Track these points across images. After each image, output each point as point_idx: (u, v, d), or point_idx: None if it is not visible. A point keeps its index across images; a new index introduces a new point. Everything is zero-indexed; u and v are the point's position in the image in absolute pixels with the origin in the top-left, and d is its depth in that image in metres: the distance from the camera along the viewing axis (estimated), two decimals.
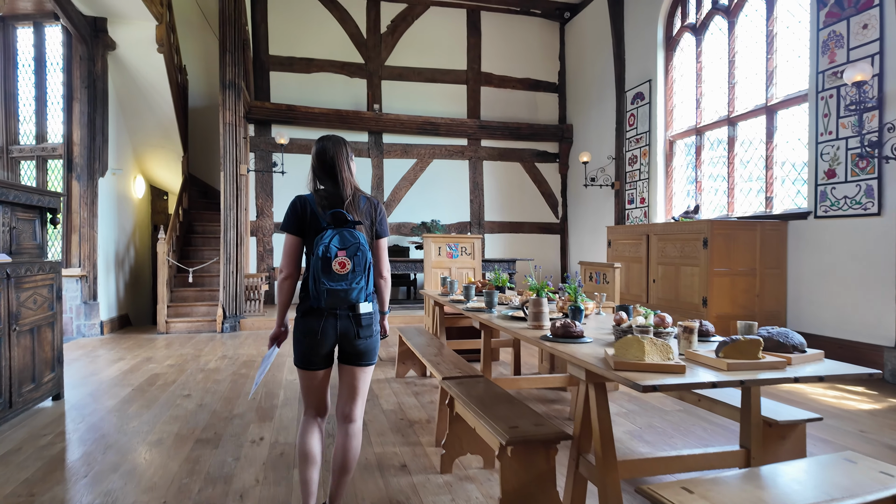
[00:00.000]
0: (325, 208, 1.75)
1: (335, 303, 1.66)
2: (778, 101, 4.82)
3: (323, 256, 1.64)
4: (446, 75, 8.07)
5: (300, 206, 1.78)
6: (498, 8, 8.18)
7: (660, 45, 6.32)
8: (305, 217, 1.77)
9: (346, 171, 1.80)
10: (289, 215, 1.78)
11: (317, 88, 7.59)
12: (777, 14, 4.87)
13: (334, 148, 1.81)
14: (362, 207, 1.81)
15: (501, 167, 8.26)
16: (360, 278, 1.67)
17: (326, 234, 1.68)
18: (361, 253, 1.67)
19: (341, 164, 1.80)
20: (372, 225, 1.84)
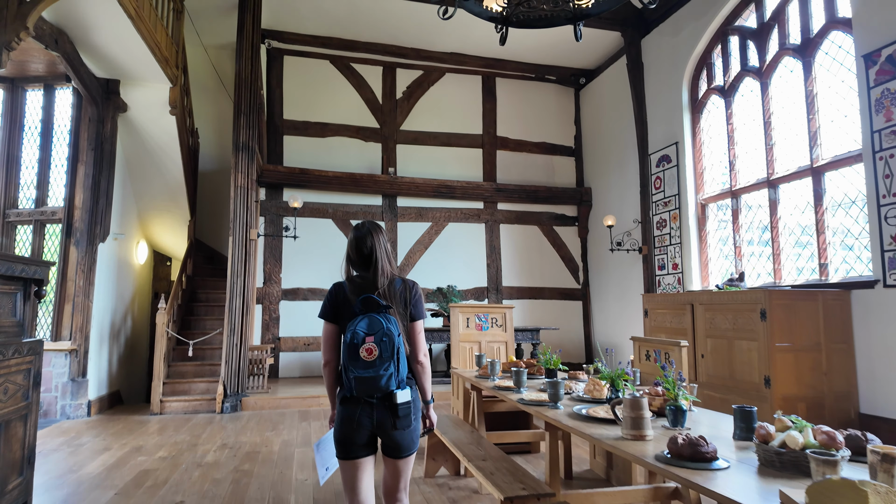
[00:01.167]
0: (358, 294, 1.74)
1: (366, 390, 1.62)
2: (825, 163, 4.54)
3: (350, 343, 1.62)
4: (462, 139, 7.93)
5: (335, 292, 1.80)
6: (513, 75, 8.17)
7: (685, 107, 6.17)
8: (339, 303, 1.77)
9: (384, 259, 1.80)
10: (325, 302, 1.80)
11: (331, 152, 7.42)
12: (816, 74, 4.68)
13: (372, 237, 1.80)
14: (397, 289, 1.79)
15: (519, 230, 7.96)
16: (388, 364, 1.62)
17: (357, 320, 1.66)
18: (388, 338, 1.63)
19: (378, 252, 1.79)
20: (406, 307, 1.80)
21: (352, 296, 1.75)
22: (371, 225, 1.85)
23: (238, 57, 5.78)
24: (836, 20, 4.50)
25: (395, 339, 1.63)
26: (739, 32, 5.54)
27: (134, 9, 4.11)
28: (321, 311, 1.79)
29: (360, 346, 1.60)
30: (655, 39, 6.66)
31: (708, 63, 5.97)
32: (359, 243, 1.79)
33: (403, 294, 1.80)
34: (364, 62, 7.65)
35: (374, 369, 1.60)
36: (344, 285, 1.80)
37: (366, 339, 1.61)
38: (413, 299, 1.82)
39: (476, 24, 6.89)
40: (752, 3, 5.38)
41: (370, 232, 1.81)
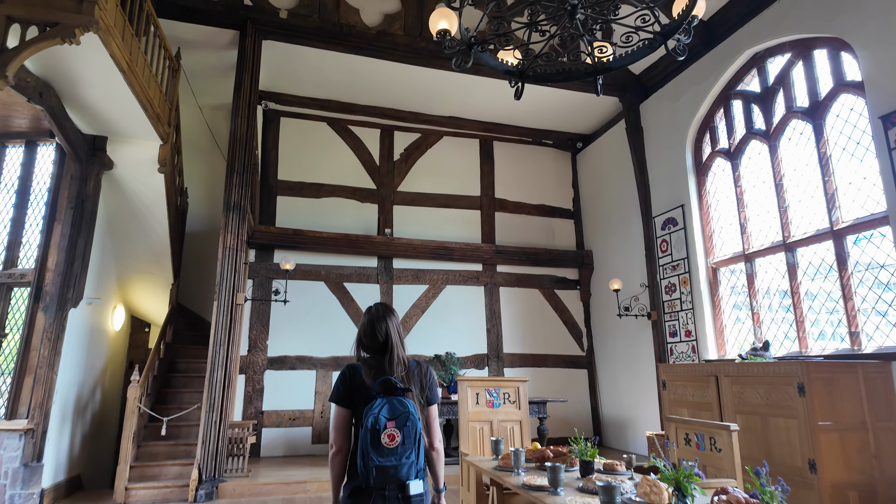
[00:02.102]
0: (374, 377, 1.69)
1: (384, 481, 1.55)
2: (846, 225, 4.35)
3: (372, 429, 1.55)
4: (460, 201, 7.76)
5: (349, 374, 1.74)
6: (510, 139, 8.15)
7: (689, 170, 6.07)
8: (354, 386, 1.71)
9: (399, 346, 1.75)
10: (338, 385, 1.73)
11: (326, 213, 7.18)
12: (828, 136, 4.59)
13: (386, 323, 1.77)
14: (413, 371, 1.76)
15: (519, 294, 7.64)
16: (410, 452, 1.57)
17: (376, 404, 1.59)
18: (411, 423, 1.58)
19: (394, 339, 1.75)
20: (422, 391, 1.76)
21: (367, 379, 1.68)
22: (384, 309, 1.81)
23: (234, 116, 5.62)
24: (845, 83, 4.46)
25: (417, 424, 1.59)
26: (742, 97, 5.52)
27: (127, 63, 3.93)
28: (333, 394, 1.72)
29: (382, 431, 1.54)
30: (655, 104, 6.67)
31: (711, 126, 5.92)
32: (373, 329, 1.74)
33: (419, 376, 1.76)
34: (362, 125, 7.57)
35: (395, 457, 1.54)
36: (358, 367, 1.73)
37: (387, 424, 1.55)
38: (428, 383, 1.78)
39: (475, 90, 6.90)
40: (753, 69, 5.39)
41: (384, 317, 1.76)
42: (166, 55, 5.05)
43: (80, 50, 3.56)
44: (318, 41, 5.95)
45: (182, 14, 5.59)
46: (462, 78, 6.61)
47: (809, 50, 4.79)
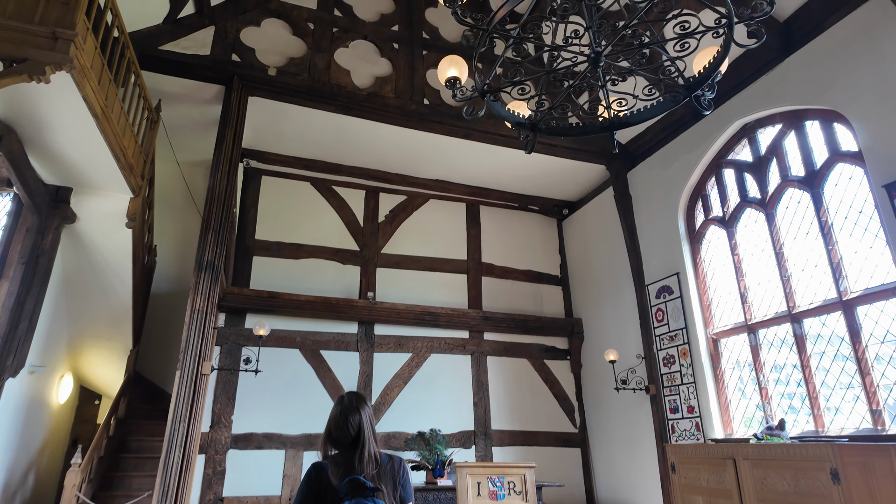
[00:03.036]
0: (342, 476, 1.60)
1: None
2: (857, 296, 4.19)
3: None
4: (446, 264, 7.48)
5: (315, 476, 1.67)
6: (497, 203, 8.04)
7: (683, 238, 5.95)
8: (320, 488, 1.64)
9: (371, 440, 1.68)
10: (302, 489, 1.66)
11: (305, 275, 6.78)
12: (828, 205, 4.53)
13: (359, 414, 1.69)
14: (384, 467, 1.70)
15: (508, 364, 7.22)
16: None
17: None
18: None
19: (366, 432, 1.68)
20: (395, 489, 1.70)
21: (335, 479, 1.60)
22: (357, 399, 1.74)
23: (213, 171, 5.33)
24: (841, 153, 4.46)
25: None
26: (735, 165, 5.52)
27: (101, 108, 3.65)
28: (297, 498, 1.64)
29: None
30: (644, 172, 6.66)
31: (703, 195, 5.88)
32: (343, 421, 1.66)
33: (392, 473, 1.71)
34: (347, 185, 7.36)
35: None
36: (325, 466, 1.66)
37: None
38: (402, 480, 1.73)
39: (462, 153, 6.81)
40: (744, 139, 5.43)
41: (357, 408, 1.69)
42: (146, 105, 4.81)
43: (51, 90, 3.27)
44: (307, 99, 5.82)
45: (167, 67, 5.41)
46: (450, 141, 6.53)
47: (801, 121, 4.83)
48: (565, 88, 2.50)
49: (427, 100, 6.26)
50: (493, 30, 2.08)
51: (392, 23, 6.59)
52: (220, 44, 5.68)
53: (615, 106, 2.59)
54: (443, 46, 6.68)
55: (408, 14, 6.69)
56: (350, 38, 6.27)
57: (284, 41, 6.01)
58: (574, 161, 7.00)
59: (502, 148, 6.64)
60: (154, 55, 5.37)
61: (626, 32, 2.14)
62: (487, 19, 2.08)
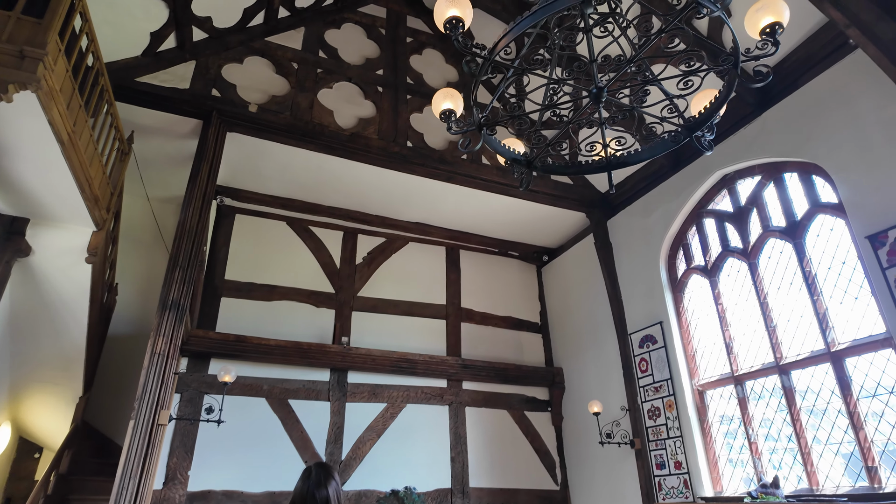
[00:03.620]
0: None
1: None
2: (845, 347, 4.13)
3: None
4: (425, 309, 7.25)
5: None
6: (477, 248, 7.94)
7: (665, 286, 5.91)
8: None
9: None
10: None
11: (276, 318, 6.45)
12: (810, 256, 4.54)
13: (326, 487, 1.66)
14: None
15: (487, 416, 6.90)
16: None
17: None
18: None
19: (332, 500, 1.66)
20: None
21: None
22: (324, 474, 1.71)
23: (185, 206, 5.09)
24: (821, 205, 4.52)
25: None
26: (715, 215, 5.56)
27: (68, 134, 3.43)
28: None
29: None
30: (624, 220, 6.68)
31: (684, 244, 5.89)
32: (310, 498, 1.63)
33: None
34: (325, 226, 7.17)
35: None
36: None
37: None
38: None
39: (443, 197, 6.74)
40: (724, 189, 5.49)
41: (324, 483, 1.67)
42: (117, 136, 4.60)
43: (12, 111, 3.06)
44: (288, 138, 5.70)
45: (143, 99, 5.25)
46: (432, 184, 6.45)
47: (780, 173, 4.91)
48: (564, 124, 2.42)
49: (410, 142, 6.22)
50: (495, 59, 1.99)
51: (377, 67, 6.62)
52: (200, 79, 5.56)
53: (613, 145, 2.52)
54: (426, 92, 6.72)
55: (392, 60, 6.75)
56: (334, 79, 6.25)
57: (267, 79, 5.94)
58: (554, 208, 7.00)
59: (483, 192, 6.60)
60: (130, 87, 5.21)
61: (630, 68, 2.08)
62: (488, 49, 2.00)
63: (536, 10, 1.84)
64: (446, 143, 6.49)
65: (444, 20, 2.01)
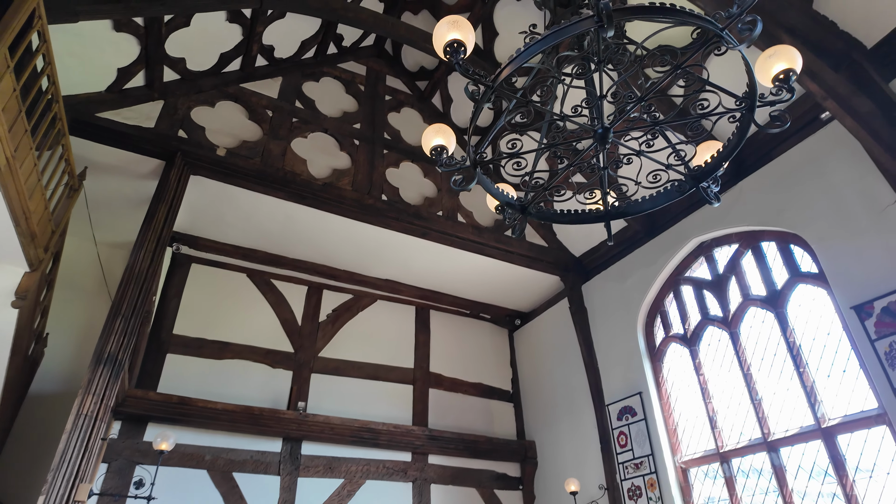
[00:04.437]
0: None
1: None
2: (836, 423, 3.94)
3: None
4: (391, 373, 6.78)
5: None
6: (448, 309, 7.63)
7: (644, 354, 5.70)
8: None
9: None
10: None
11: (226, 378, 5.87)
12: (793, 326, 4.44)
13: None
14: None
15: (454, 495, 6.32)
16: None
17: None
18: None
19: None
20: None
21: None
22: None
23: (136, 249, 4.66)
24: (801, 274, 4.47)
25: None
26: (693, 283, 5.48)
27: (7, 159, 3.07)
28: None
29: None
30: (599, 285, 6.55)
31: (662, 311, 5.75)
32: None
33: None
34: (288, 279, 6.76)
35: None
36: None
37: None
38: None
39: (416, 254, 6.49)
40: (701, 257, 5.45)
41: None
42: (67, 169, 4.22)
43: None
44: (257, 184, 5.42)
45: (102, 136, 4.93)
46: (405, 240, 6.21)
47: (757, 241, 4.90)
48: (563, 167, 2.24)
49: (385, 195, 6.03)
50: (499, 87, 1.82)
51: (354, 121, 6.53)
52: (166, 118, 5.30)
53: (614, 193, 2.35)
54: (404, 149, 6.64)
55: (371, 115, 6.68)
56: (310, 129, 6.10)
57: (239, 124, 5.73)
58: (529, 270, 6.83)
59: (458, 251, 6.39)
60: (89, 122, 4.90)
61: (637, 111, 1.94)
62: (492, 76, 1.82)
63: (548, 34, 1.68)
64: (422, 198, 6.33)
65: (444, 43, 1.84)
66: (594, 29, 1.59)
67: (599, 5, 1.50)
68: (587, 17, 1.60)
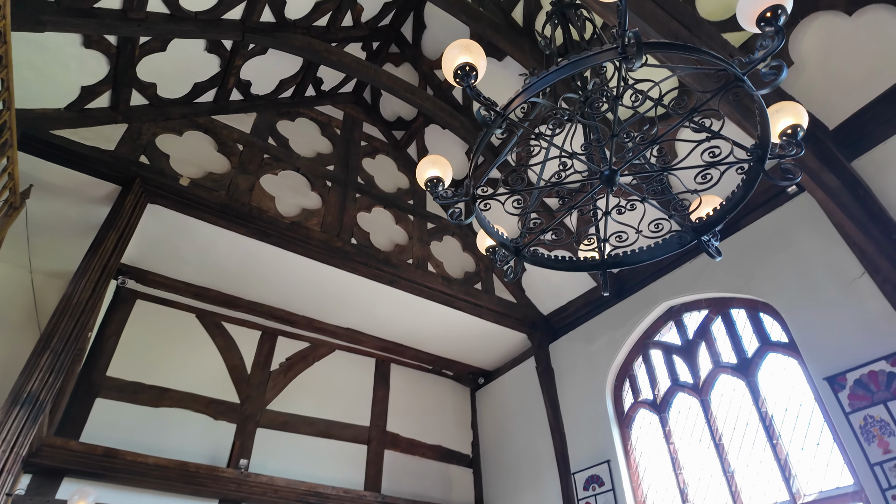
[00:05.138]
0: None
1: None
2: (811, 500, 3.82)
3: None
4: (345, 431, 6.31)
5: None
6: (410, 363, 7.30)
7: (612, 420, 5.52)
8: None
9: None
10: None
11: (162, 429, 5.29)
12: (765, 396, 4.38)
13: None
14: None
15: None
16: None
17: None
18: None
19: None
20: None
21: None
22: None
23: (77, 277, 4.24)
24: (771, 343, 4.47)
25: None
26: (663, 347, 5.42)
27: None
28: None
29: None
30: (567, 345, 6.42)
31: (630, 374, 5.64)
32: None
33: None
34: (241, 323, 6.32)
35: None
36: None
37: None
38: None
39: (381, 302, 6.23)
40: (671, 321, 5.43)
41: None
42: (9, 185, 3.84)
43: None
44: (220, 217, 5.12)
45: (55, 154, 4.59)
46: (371, 287, 5.95)
47: (727, 308, 4.92)
48: (564, 209, 2.13)
49: (355, 239, 5.82)
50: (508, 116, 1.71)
51: (328, 162, 6.39)
52: (129, 142, 5.01)
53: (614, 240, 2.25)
54: (377, 195, 6.51)
55: (345, 158, 6.58)
56: (281, 167, 5.91)
57: (206, 155, 5.49)
58: (496, 325, 6.65)
59: (425, 301, 6.17)
60: (43, 138, 4.56)
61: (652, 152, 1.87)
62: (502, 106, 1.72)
63: (566, 64, 1.60)
64: (392, 245, 6.15)
65: (455, 66, 1.73)
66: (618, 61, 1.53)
67: (627, 35, 1.44)
68: (610, 49, 1.54)
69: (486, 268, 6.81)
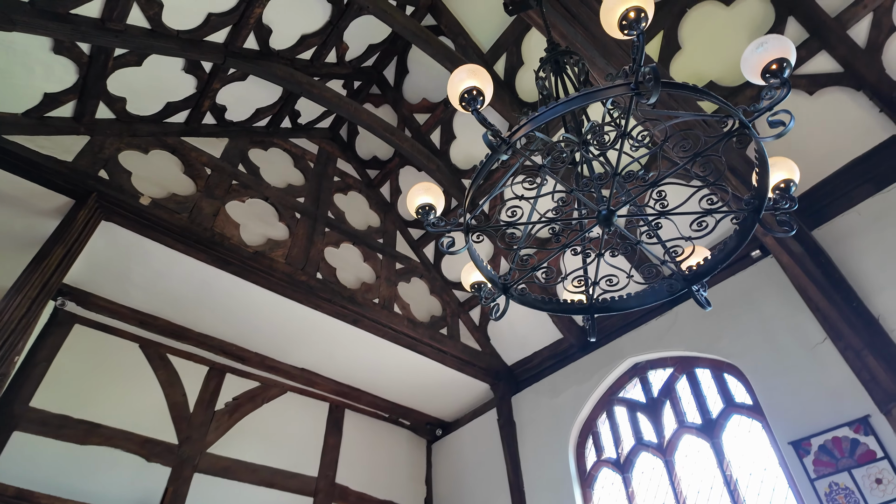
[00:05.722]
0: None
1: None
2: None
3: None
4: (290, 481, 5.85)
5: None
6: (365, 410, 6.95)
7: (574, 479, 5.34)
8: None
9: None
10: None
11: (87, 469, 4.75)
12: (730, 459, 4.33)
13: None
14: None
15: None
16: None
17: None
18: None
19: None
20: None
21: None
22: None
23: (12, 294, 3.87)
24: (736, 405, 4.48)
25: None
26: (627, 404, 5.35)
27: None
28: None
29: None
30: (530, 397, 6.27)
31: (594, 431, 5.52)
32: None
33: None
34: (188, 356, 5.89)
35: None
36: None
37: None
38: None
39: (341, 342, 5.96)
40: (635, 378, 5.39)
41: None
42: None
43: None
44: (179, 241, 4.84)
45: (5, 159, 4.27)
46: (333, 325, 5.69)
47: (692, 367, 4.93)
48: (557, 247, 2.07)
49: (321, 274, 5.60)
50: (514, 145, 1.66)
51: (299, 194, 6.23)
52: (89, 155, 4.74)
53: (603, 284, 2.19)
54: (346, 230, 6.36)
55: (317, 191, 6.44)
56: (249, 194, 5.71)
57: (172, 176, 5.25)
58: (458, 373, 6.46)
59: (389, 344, 5.93)
60: None
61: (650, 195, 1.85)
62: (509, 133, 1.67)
63: (576, 96, 1.58)
64: (359, 283, 5.96)
65: (461, 90, 1.68)
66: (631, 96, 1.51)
67: (643, 70, 1.43)
68: (623, 84, 1.53)
69: (452, 312, 6.68)
